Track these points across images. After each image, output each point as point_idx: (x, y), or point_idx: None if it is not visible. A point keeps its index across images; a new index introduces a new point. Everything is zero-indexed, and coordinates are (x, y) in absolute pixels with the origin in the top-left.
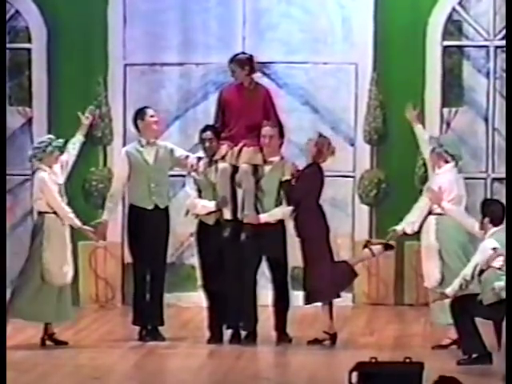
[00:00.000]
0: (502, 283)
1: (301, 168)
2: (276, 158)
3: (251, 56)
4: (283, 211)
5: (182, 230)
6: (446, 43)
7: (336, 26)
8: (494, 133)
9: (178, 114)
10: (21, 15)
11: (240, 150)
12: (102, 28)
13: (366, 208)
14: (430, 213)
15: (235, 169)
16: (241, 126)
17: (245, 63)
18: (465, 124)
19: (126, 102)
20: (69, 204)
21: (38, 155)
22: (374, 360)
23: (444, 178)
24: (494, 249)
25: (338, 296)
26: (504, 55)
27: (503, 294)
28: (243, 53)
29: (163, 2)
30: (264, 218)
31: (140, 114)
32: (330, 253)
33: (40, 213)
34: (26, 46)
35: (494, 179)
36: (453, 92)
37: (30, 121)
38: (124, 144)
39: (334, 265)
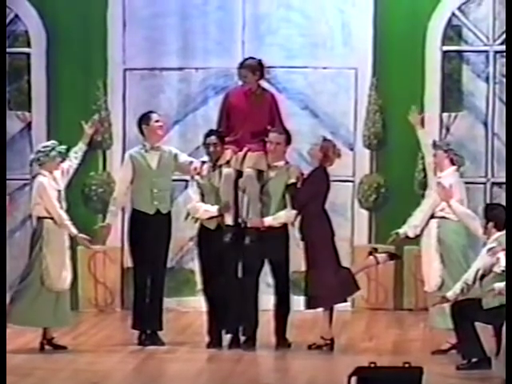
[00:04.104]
0: (501, 284)
1: (305, 172)
2: (281, 163)
3: (261, 61)
4: (287, 215)
5: (182, 235)
6: (446, 48)
7: (336, 30)
8: (493, 137)
9: (178, 119)
10: (20, 19)
11: (245, 155)
12: (102, 32)
13: (365, 213)
14: (431, 216)
15: (239, 174)
16: (246, 130)
17: (256, 68)
18: (464, 129)
19: (126, 106)
20: (68, 209)
21: (40, 159)
22: (373, 365)
23: (447, 181)
24: (490, 249)
25: (345, 301)
26: (503, 60)
27: (503, 297)
28: (252, 58)
29: (163, 7)
30: (268, 221)
31: (145, 118)
32: (336, 257)
33: (39, 218)
34: (26, 50)
35: (494, 184)
36: (452, 97)
37: (29, 125)
38: (124, 148)
39: (338, 270)
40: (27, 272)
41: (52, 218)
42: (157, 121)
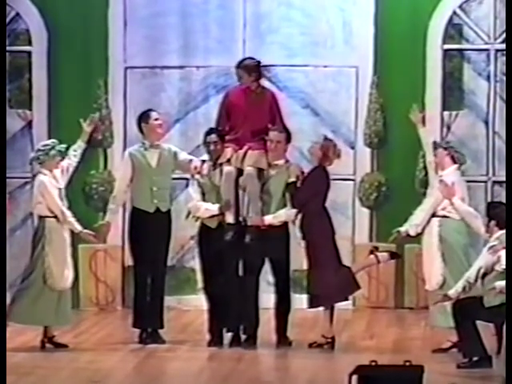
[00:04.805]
0: (502, 283)
1: (305, 171)
2: (281, 161)
3: (259, 62)
4: (287, 213)
5: (183, 233)
6: (447, 46)
7: (336, 29)
8: (494, 136)
9: (179, 117)
10: (21, 18)
11: (245, 154)
12: (103, 31)
13: (366, 211)
14: (433, 215)
15: (240, 172)
16: (246, 129)
17: (252, 70)
18: (465, 127)
19: (127, 104)
20: (69, 207)
21: (40, 158)
22: (373, 363)
23: (448, 179)
24: (491, 247)
25: (345, 299)
26: (504, 58)
27: (504, 295)
28: (250, 58)
29: (163, 6)
30: (268, 219)
31: (144, 117)
32: (337, 256)
33: (41, 217)
34: (27, 48)
35: (495, 182)
36: (453, 95)
37: (30, 124)
38: (124, 147)
39: (339, 268)
40: (29, 271)
41: (54, 217)
42: (156, 119)
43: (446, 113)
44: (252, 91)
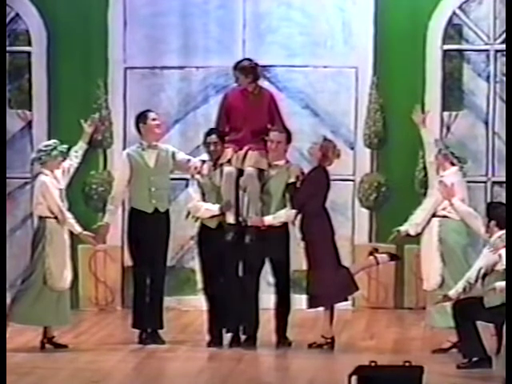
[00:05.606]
0: (502, 283)
1: (305, 171)
2: (281, 162)
3: (256, 64)
4: (287, 214)
5: (182, 234)
6: (446, 47)
7: (336, 29)
8: (494, 136)
9: (179, 118)
10: (21, 18)
11: (245, 154)
12: (103, 31)
13: (365, 212)
14: (433, 215)
15: (240, 172)
16: (246, 130)
17: (249, 72)
18: (465, 128)
19: (127, 105)
20: (69, 207)
21: (42, 158)
22: (373, 364)
23: (449, 179)
24: (492, 246)
25: (345, 300)
26: (504, 59)
27: (504, 295)
28: (247, 59)
29: (163, 6)
30: (268, 220)
31: (142, 117)
32: (336, 256)
33: (41, 218)
34: (26, 49)
35: (494, 183)
36: (453, 96)
37: (29, 124)
38: (124, 147)
39: (339, 269)
40: (30, 272)
41: (55, 218)
42: (154, 119)
43: (445, 113)
44: (250, 92)
